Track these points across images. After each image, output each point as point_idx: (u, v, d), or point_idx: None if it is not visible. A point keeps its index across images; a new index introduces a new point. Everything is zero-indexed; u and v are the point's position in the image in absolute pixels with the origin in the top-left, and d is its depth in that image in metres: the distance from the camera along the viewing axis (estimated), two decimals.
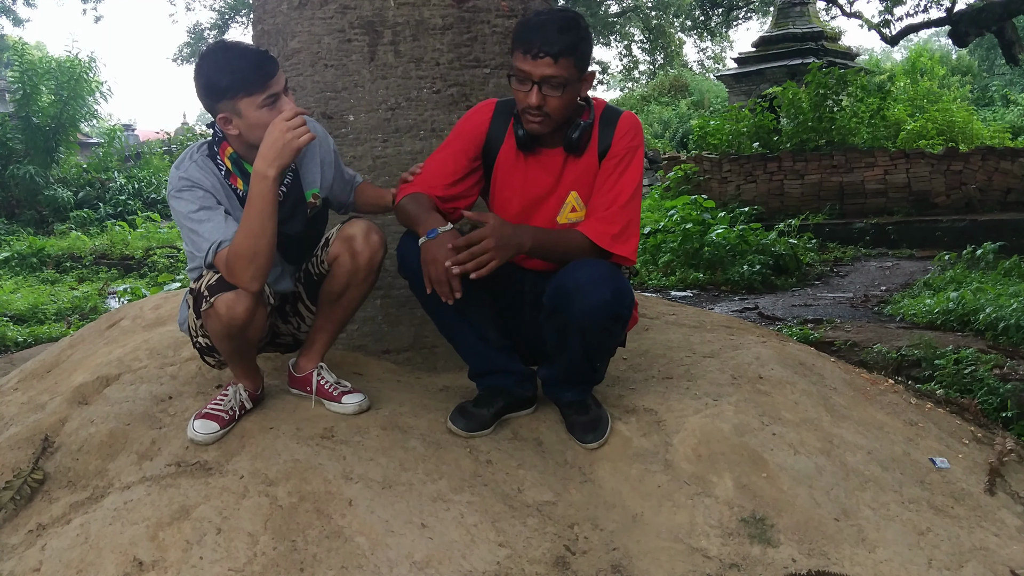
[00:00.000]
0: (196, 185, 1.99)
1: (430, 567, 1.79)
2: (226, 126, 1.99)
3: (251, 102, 1.94)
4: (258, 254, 1.89)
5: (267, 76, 1.94)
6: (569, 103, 2.08)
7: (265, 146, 1.91)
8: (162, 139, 19.83)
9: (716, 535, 1.99)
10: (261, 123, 1.94)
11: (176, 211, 2.01)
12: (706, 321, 3.27)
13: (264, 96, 1.94)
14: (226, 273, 1.92)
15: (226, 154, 2.05)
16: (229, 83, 1.92)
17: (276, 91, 1.96)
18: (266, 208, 1.91)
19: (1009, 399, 3.57)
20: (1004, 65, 19.31)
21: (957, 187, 10.17)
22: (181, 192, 1.99)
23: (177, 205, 2.00)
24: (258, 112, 1.95)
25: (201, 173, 2.02)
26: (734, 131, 11.78)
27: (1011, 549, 2.02)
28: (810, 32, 13.91)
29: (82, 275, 9.80)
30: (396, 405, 2.29)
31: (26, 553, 1.82)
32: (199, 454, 2.04)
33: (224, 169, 2.05)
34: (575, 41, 2.01)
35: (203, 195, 1.99)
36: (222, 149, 2.05)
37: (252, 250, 1.89)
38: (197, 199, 1.98)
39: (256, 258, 1.89)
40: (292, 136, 1.90)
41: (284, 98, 1.98)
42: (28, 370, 2.94)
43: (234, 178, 2.05)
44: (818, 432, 2.32)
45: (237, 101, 1.94)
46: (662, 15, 24.57)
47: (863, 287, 7.39)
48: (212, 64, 1.95)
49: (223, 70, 1.93)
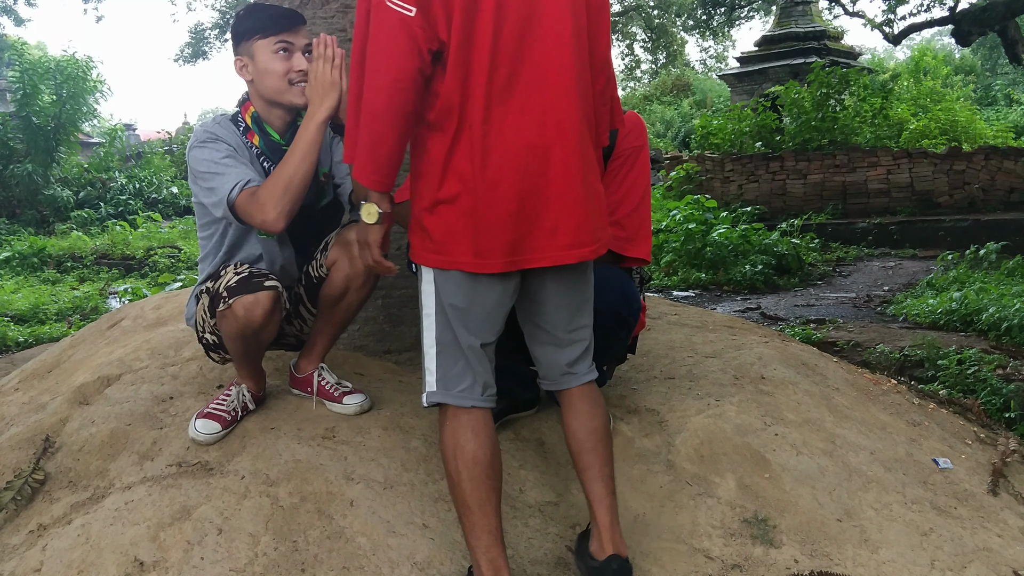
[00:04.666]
0: (220, 139, 2.06)
1: (431, 567, 1.78)
2: (242, 72, 2.09)
3: (265, 45, 2.04)
4: (291, 187, 1.93)
5: (285, 25, 2.04)
6: None
7: (310, 89, 1.99)
8: (163, 139, 19.86)
9: (718, 536, 1.98)
10: (271, 69, 2.04)
11: (198, 159, 2.03)
12: (708, 321, 3.26)
13: (278, 40, 2.03)
14: (251, 209, 1.93)
15: (248, 112, 2.13)
16: (249, 25, 2.05)
17: (291, 41, 2.04)
18: (309, 148, 1.95)
19: (1012, 399, 3.56)
20: (1007, 64, 19.28)
21: (960, 187, 10.14)
22: (205, 143, 2.05)
23: (200, 154, 2.03)
24: (270, 57, 2.04)
25: (224, 132, 2.09)
26: (736, 131, 11.76)
27: (1014, 550, 2.02)
28: (813, 31, 13.88)
29: (83, 275, 9.81)
30: (398, 405, 2.29)
31: (27, 553, 1.81)
32: (200, 454, 2.04)
33: (243, 126, 2.13)
34: None
35: (227, 147, 2.05)
36: (244, 108, 2.14)
37: (286, 183, 1.92)
38: (223, 149, 2.04)
39: (288, 191, 1.92)
40: (332, 71, 1.96)
41: (300, 55, 2.05)
42: (29, 370, 2.94)
43: (251, 134, 2.13)
44: (821, 432, 2.32)
45: (253, 42, 2.05)
46: (664, 14, 24.54)
47: (866, 287, 7.37)
48: (243, 11, 2.08)
49: (250, 14, 2.06)
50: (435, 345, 1.68)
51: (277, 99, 2.08)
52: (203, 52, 24.55)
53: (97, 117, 16.98)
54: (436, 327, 1.68)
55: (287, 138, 2.13)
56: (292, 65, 2.04)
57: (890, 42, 11.70)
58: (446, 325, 1.67)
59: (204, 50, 24.46)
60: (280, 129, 2.13)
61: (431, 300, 1.68)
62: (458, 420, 1.68)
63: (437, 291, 1.66)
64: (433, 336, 1.69)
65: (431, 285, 1.67)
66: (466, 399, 1.68)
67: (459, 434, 1.67)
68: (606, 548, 1.74)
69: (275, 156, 2.12)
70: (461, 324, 1.66)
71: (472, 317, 1.66)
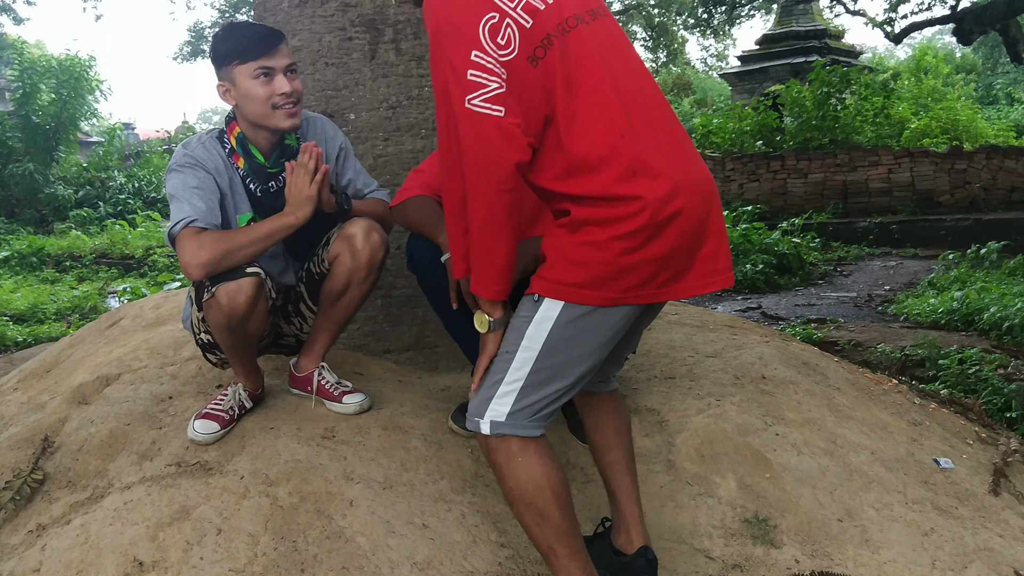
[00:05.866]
0: (199, 165, 2.04)
1: (431, 568, 1.78)
2: (225, 96, 2.06)
3: (244, 70, 2.00)
4: (231, 256, 1.91)
5: (265, 48, 1.99)
6: None
7: (288, 190, 2.00)
8: (162, 138, 19.84)
9: (719, 536, 1.98)
10: (252, 94, 2.01)
11: (171, 181, 2.03)
12: (709, 321, 3.26)
13: (257, 66, 1.99)
14: (187, 245, 1.90)
15: (233, 133, 2.11)
16: (228, 49, 2.01)
17: (271, 65, 2.00)
18: (269, 237, 1.96)
19: (1013, 399, 3.55)
20: (1008, 63, 19.27)
21: (961, 186, 10.14)
22: (183, 167, 2.03)
23: (174, 178, 2.02)
24: (251, 82, 2.00)
25: (207, 155, 2.07)
26: (737, 129, 11.76)
27: (1015, 550, 2.01)
28: (814, 30, 13.87)
29: (82, 274, 9.80)
30: (397, 405, 2.28)
31: (26, 553, 1.81)
32: (199, 454, 2.03)
33: (229, 147, 2.11)
34: None
35: (204, 176, 2.03)
36: (230, 129, 2.12)
37: (231, 249, 1.91)
38: (198, 178, 2.02)
39: (228, 257, 1.90)
40: (311, 185, 1.97)
41: (282, 76, 2.02)
42: (28, 370, 2.93)
43: (236, 156, 2.11)
44: (821, 432, 2.31)
45: (233, 68, 2.01)
46: (665, 13, 24.54)
47: (867, 286, 7.37)
48: (221, 33, 2.05)
49: (227, 38, 2.02)
50: (523, 380, 1.55)
51: (262, 123, 2.06)
52: (202, 51, 24.59)
53: (96, 116, 16.96)
54: (535, 362, 1.55)
55: (272, 160, 2.12)
56: (274, 89, 2.00)
57: (891, 41, 11.70)
58: (551, 361, 1.54)
59: (203, 49, 24.50)
60: (266, 150, 2.12)
61: (542, 334, 1.54)
62: (529, 449, 1.57)
63: (559, 326, 1.53)
64: (526, 371, 1.55)
65: (550, 322, 1.53)
66: (538, 427, 1.59)
67: (535, 465, 1.56)
68: (635, 541, 1.74)
69: (260, 178, 2.12)
70: (574, 359, 1.55)
71: (593, 350, 1.56)
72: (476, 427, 1.59)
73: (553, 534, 1.58)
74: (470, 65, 1.46)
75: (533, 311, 1.55)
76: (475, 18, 1.48)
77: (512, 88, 1.47)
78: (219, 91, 2.06)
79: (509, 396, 1.56)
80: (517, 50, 1.49)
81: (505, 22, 1.48)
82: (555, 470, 1.59)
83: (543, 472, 1.57)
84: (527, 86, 1.49)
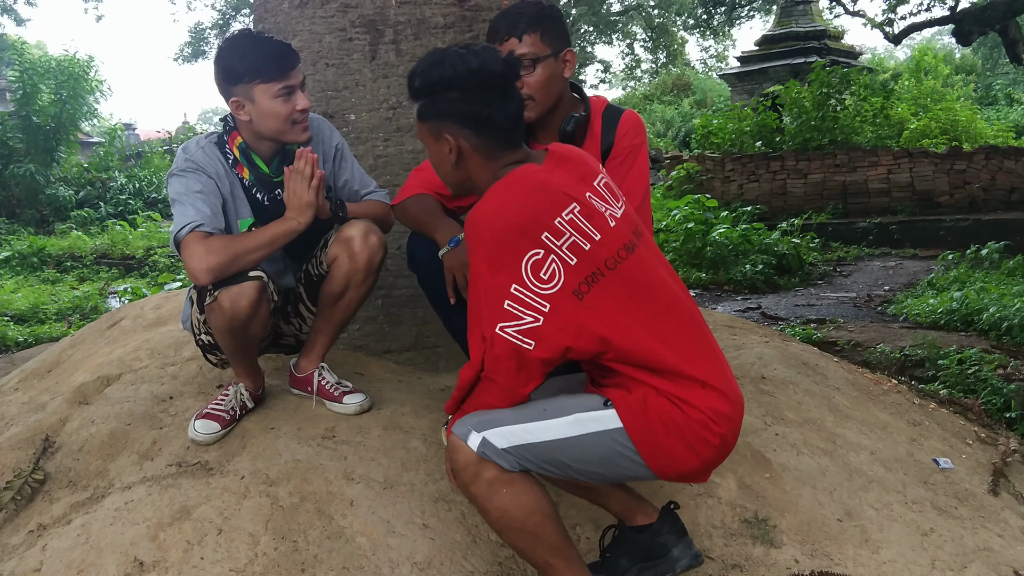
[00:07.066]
0: (200, 169, 2.04)
1: (432, 568, 1.78)
2: (238, 111, 2.04)
3: (266, 90, 1.99)
4: (238, 261, 1.92)
5: (286, 68, 2.00)
6: (548, 82, 2.06)
7: (287, 196, 2.00)
8: (163, 138, 19.84)
9: (719, 535, 1.98)
10: (273, 112, 2.00)
11: (173, 187, 2.02)
12: (709, 321, 3.26)
13: (280, 86, 1.99)
14: (195, 250, 1.90)
15: (235, 143, 2.10)
16: (247, 68, 1.98)
17: (292, 84, 2.01)
18: (274, 242, 1.97)
19: (1013, 399, 3.55)
20: (1008, 64, 19.28)
21: (961, 186, 10.14)
22: (185, 172, 2.03)
23: (176, 183, 2.02)
24: (272, 101, 2.00)
25: (207, 159, 2.06)
26: (737, 130, 11.76)
27: (1015, 550, 2.01)
28: (813, 31, 13.88)
29: (83, 275, 9.81)
30: (397, 405, 2.29)
31: (27, 553, 1.81)
32: (200, 454, 2.04)
33: (232, 158, 2.10)
34: (537, 17, 2.02)
35: (207, 180, 2.03)
36: (231, 138, 2.10)
37: (238, 254, 1.92)
38: (201, 182, 2.01)
39: (235, 262, 1.91)
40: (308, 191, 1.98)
41: (299, 93, 2.03)
42: (29, 370, 2.93)
43: (240, 167, 2.10)
44: (821, 432, 2.31)
45: (253, 87, 1.99)
46: (664, 13, 24.55)
47: (866, 287, 7.37)
48: (234, 49, 2.01)
49: (245, 56, 1.99)
50: (536, 441, 1.54)
51: (279, 138, 2.06)
52: (203, 51, 24.56)
53: (97, 116, 16.98)
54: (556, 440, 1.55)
55: (274, 167, 2.13)
56: (295, 106, 2.02)
57: (890, 41, 11.71)
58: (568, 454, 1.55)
59: (204, 49, 24.48)
60: (268, 159, 2.12)
61: (596, 431, 1.55)
62: (514, 476, 1.55)
63: (611, 436, 1.54)
64: (544, 439, 1.55)
65: (606, 434, 1.55)
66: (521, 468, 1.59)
67: (521, 494, 1.54)
68: (650, 513, 1.79)
69: (266, 188, 2.13)
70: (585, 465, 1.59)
71: (606, 477, 1.65)
72: (464, 435, 1.53)
73: (548, 550, 1.57)
74: (508, 296, 1.49)
75: (594, 407, 1.57)
76: (519, 255, 1.49)
77: (554, 316, 1.49)
78: (231, 106, 2.04)
79: (516, 439, 1.54)
80: (561, 284, 1.50)
81: (550, 258, 1.49)
82: (539, 489, 1.57)
83: (530, 497, 1.54)
84: (569, 316, 1.50)
